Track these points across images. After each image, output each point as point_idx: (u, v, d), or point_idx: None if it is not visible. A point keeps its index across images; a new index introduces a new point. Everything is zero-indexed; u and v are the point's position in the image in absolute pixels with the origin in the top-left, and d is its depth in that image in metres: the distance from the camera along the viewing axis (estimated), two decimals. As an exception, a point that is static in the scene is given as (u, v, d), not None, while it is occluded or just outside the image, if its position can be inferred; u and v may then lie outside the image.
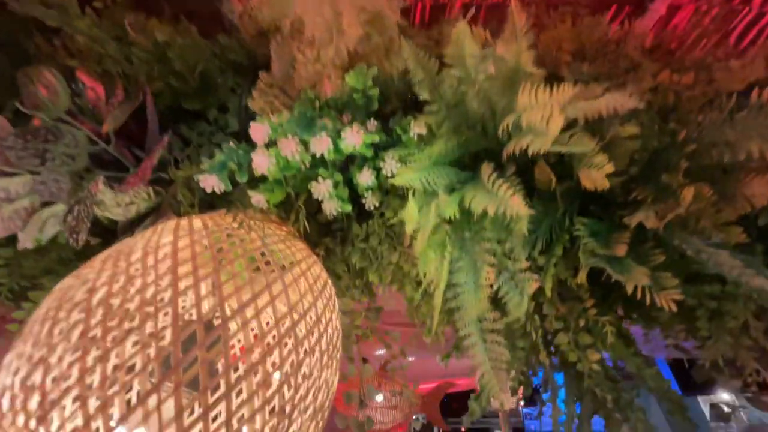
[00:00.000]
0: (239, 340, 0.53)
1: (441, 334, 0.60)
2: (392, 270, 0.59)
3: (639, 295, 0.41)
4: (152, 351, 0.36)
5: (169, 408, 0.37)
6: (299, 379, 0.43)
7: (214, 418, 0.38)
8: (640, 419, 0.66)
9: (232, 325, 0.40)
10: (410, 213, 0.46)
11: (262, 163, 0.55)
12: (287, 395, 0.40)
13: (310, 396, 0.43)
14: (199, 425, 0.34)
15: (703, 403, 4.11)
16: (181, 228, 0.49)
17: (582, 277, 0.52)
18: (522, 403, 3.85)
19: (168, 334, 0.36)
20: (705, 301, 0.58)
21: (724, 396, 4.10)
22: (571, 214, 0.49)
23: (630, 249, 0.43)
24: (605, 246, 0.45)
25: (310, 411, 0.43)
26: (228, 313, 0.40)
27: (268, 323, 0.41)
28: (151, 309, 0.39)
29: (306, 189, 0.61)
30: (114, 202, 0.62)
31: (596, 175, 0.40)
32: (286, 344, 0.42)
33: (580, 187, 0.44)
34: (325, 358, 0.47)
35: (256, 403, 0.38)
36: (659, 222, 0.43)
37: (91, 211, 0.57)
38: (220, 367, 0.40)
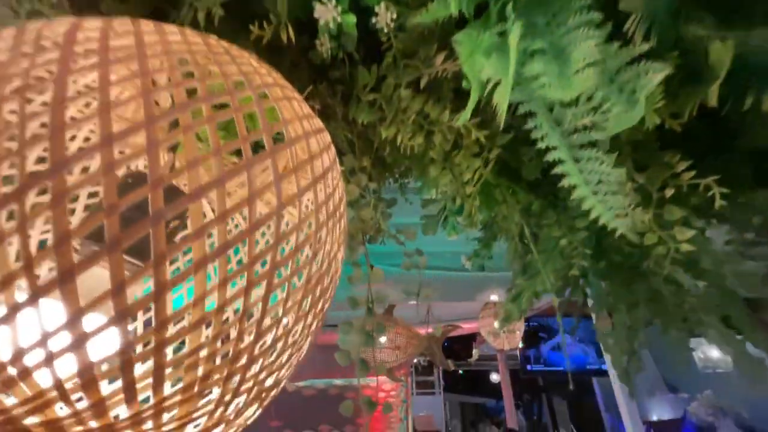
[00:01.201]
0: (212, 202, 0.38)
1: (475, 211, 0.45)
2: (415, 120, 0.42)
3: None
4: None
5: (101, 279, 0.23)
6: (295, 243, 0.28)
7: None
8: (713, 324, 0.54)
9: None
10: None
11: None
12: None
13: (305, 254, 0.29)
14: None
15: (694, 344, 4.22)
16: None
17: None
18: (521, 345, 3.95)
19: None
20: None
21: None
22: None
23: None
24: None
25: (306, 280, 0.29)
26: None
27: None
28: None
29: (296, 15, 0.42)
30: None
31: None
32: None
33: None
34: (330, 222, 0.33)
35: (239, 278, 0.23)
36: None
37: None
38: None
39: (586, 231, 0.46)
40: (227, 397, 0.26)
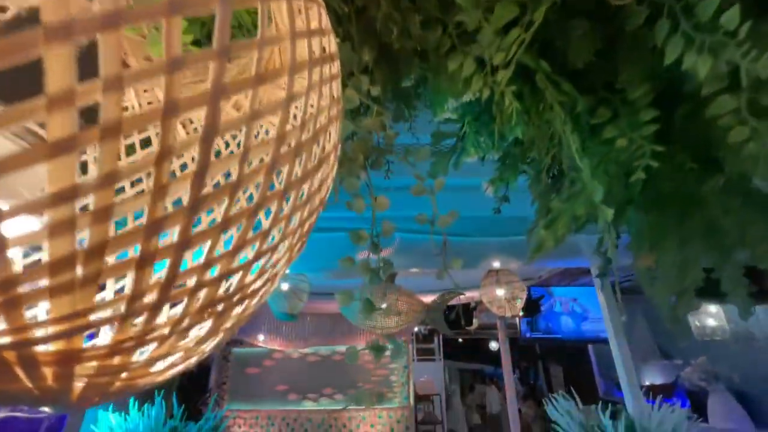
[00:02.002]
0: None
1: (511, 102, 0.34)
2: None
3: None
4: None
5: None
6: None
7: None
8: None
9: None
10: None
11: None
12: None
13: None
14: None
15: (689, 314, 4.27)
16: None
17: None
18: (521, 313, 3.97)
19: None
20: None
21: (710, 308, 4.24)
22: None
23: None
24: None
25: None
26: None
27: None
28: None
29: None
30: None
31: None
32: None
33: None
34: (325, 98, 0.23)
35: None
36: None
37: None
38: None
39: (656, 124, 0.36)
40: (189, 320, 0.18)
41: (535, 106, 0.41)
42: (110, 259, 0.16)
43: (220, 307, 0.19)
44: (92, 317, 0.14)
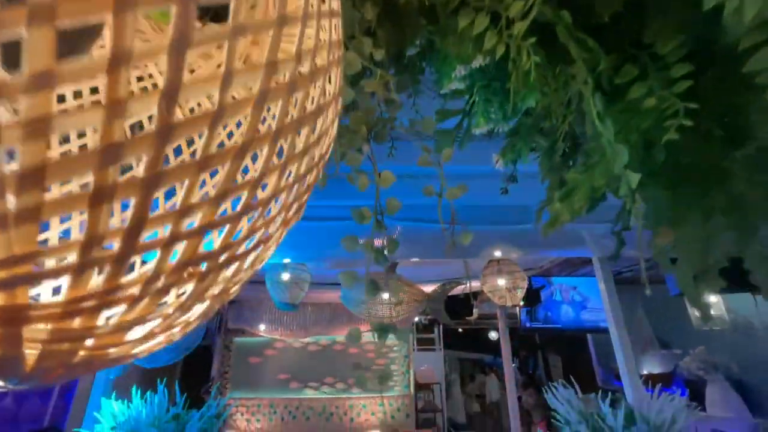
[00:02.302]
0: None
1: (528, 58, 0.31)
2: None
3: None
4: None
5: None
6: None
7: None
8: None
9: None
10: None
11: None
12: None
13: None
14: None
15: (689, 305, 4.27)
16: None
17: None
18: (522, 303, 3.97)
19: None
20: None
21: (710, 298, 4.24)
22: None
23: None
24: None
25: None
26: None
27: None
28: None
29: None
30: None
31: None
32: None
33: None
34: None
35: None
36: None
37: None
38: None
39: (689, 80, 0.33)
40: (164, 279, 0.15)
41: (552, 70, 0.38)
42: (56, 191, 0.13)
43: (203, 267, 0.17)
44: (37, 266, 0.11)
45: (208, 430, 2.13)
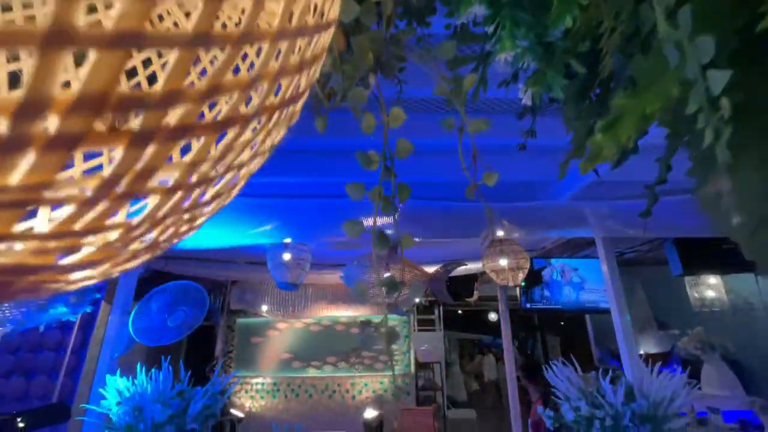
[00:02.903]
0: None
1: None
2: None
3: None
4: None
5: None
6: None
7: None
8: None
9: None
10: None
11: None
12: None
13: None
14: None
15: (689, 286, 4.27)
16: None
17: None
18: (522, 284, 3.97)
19: None
20: None
21: (710, 279, 4.24)
22: None
23: None
24: None
25: None
26: None
27: None
28: None
29: None
30: None
31: None
32: None
33: None
34: None
35: None
36: None
37: None
38: None
39: None
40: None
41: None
42: None
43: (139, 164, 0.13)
44: None
45: (213, 406, 2.17)
